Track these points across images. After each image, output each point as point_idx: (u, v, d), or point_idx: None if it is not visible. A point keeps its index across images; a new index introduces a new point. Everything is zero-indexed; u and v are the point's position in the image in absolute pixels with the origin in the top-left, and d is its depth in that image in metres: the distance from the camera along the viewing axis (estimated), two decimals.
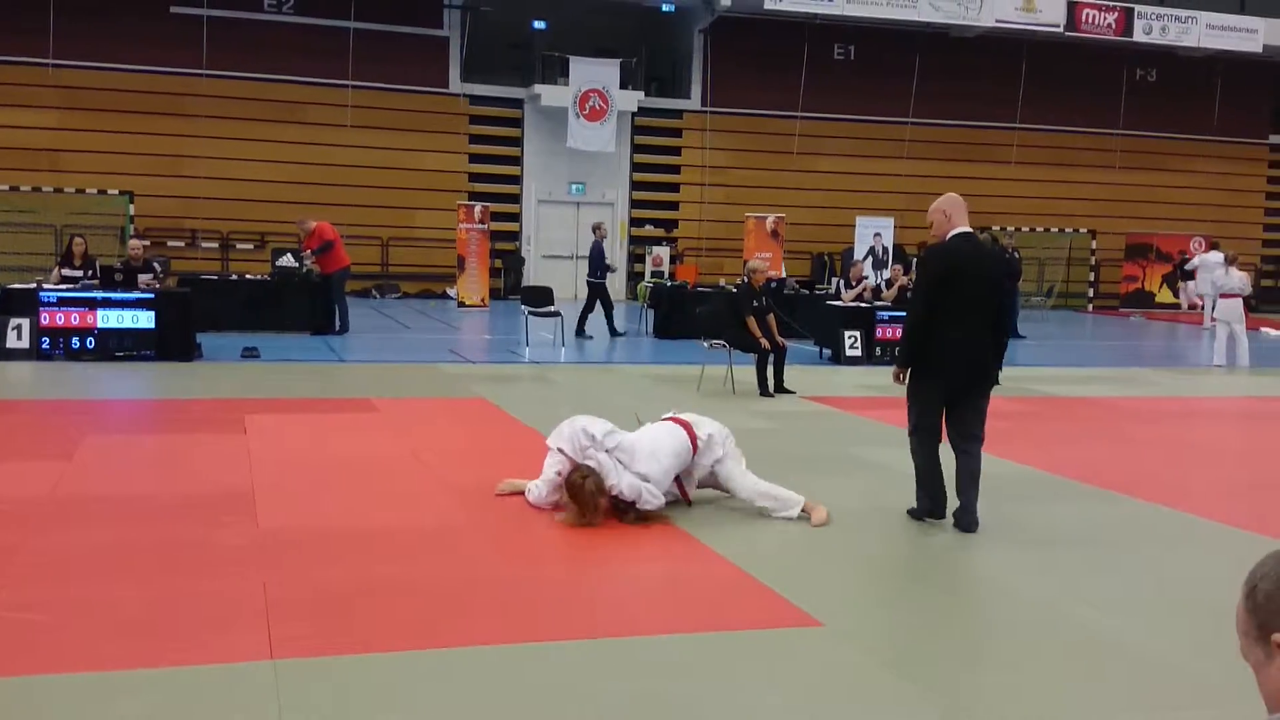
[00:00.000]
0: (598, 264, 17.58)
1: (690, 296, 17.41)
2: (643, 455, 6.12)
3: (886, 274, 18.89)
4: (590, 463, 6.04)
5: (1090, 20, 26.15)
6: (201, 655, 4.14)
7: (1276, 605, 1.64)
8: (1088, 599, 5.22)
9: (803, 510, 6.40)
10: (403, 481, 7.14)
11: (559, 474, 6.16)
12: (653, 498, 6.08)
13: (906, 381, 6.44)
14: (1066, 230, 28.01)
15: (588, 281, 17.92)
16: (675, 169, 26.80)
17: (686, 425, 6.42)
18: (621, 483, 6.01)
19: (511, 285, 24.38)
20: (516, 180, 25.92)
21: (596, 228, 18.18)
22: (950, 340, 6.17)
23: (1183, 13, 26.55)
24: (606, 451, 6.07)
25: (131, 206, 21.95)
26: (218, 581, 5.02)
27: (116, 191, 22.03)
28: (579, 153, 25.24)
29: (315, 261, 16.49)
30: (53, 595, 4.73)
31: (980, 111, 27.43)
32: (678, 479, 6.39)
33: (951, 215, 6.27)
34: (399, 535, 5.87)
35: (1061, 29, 25.97)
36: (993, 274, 6.36)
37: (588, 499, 5.94)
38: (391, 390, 10.89)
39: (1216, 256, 20.09)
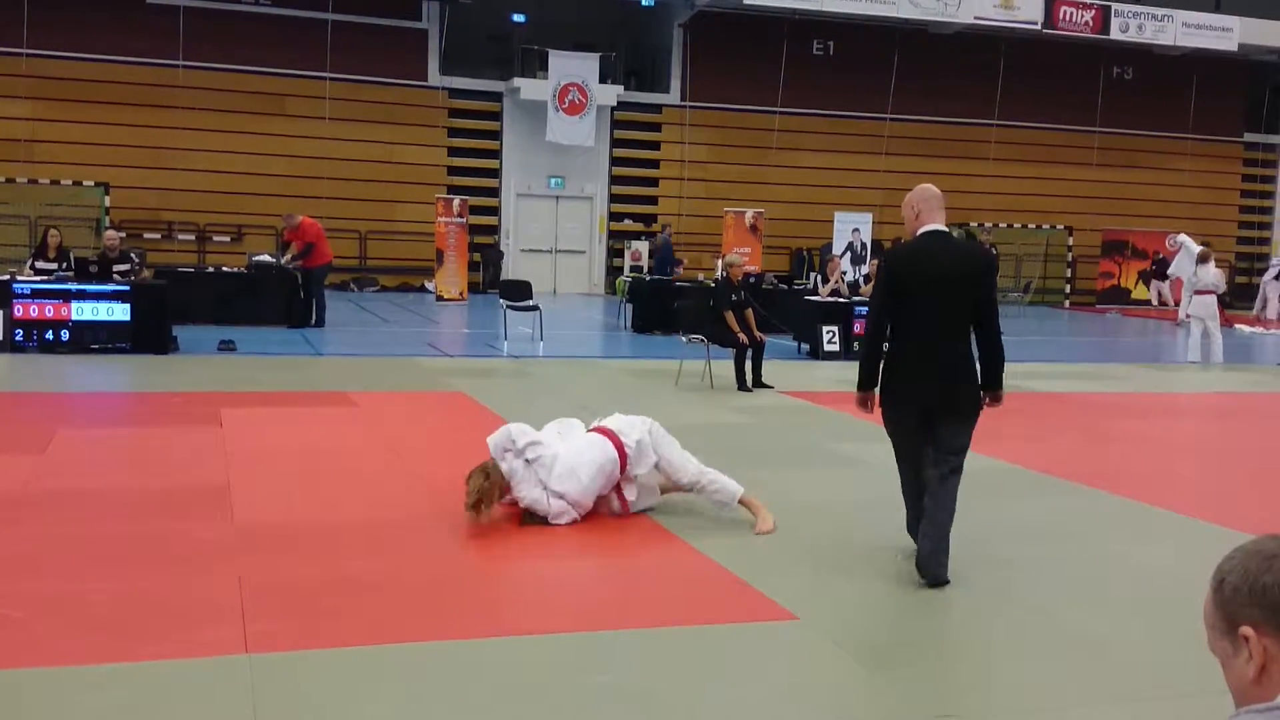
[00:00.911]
0: (667, 261, 17.37)
1: (669, 291, 17.41)
2: (561, 472, 5.87)
3: (865, 269, 18.94)
4: (503, 465, 5.85)
5: (1068, 18, 26.27)
6: (177, 649, 4.12)
7: (1243, 599, 1.65)
8: (1061, 593, 5.26)
9: (743, 506, 6.21)
10: (379, 476, 7.12)
11: None
12: (565, 514, 5.89)
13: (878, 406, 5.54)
14: (1044, 226, 28.16)
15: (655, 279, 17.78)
16: (654, 163, 26.79)
17: (612, 435, 6.10)
18: (528, 495, 5.84)
19: (490, 279, 24.33)
20: (495, 174, 25.86)
21: (664, 227, 18.07)
22: (910, 354, 5.33)
23: (1159, 11, 26.71)
24: (526, 461, 5.87)
25: (107, 198, 21.80)
26: (193, 576, 5.00)
27: (92, 183, 21.88)
28: (558, 146, 25.20)
29: (300, 262, 16.35)
30: (26, 589, 4.70)
31: (958, 108, 27.53)
32: (618, 488, 6.13)
33: (921, 211, 5.43)
34: (374, 529, 5.86)
35: (1039, 26, 26.08)
36: (969, 274, 5.35)
37: (472, 492, 5.77)
38: (369, 384, 10.86)
39: (1194, 245, 20.19)
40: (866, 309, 14.61)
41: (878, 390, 5.47)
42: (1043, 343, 18.88)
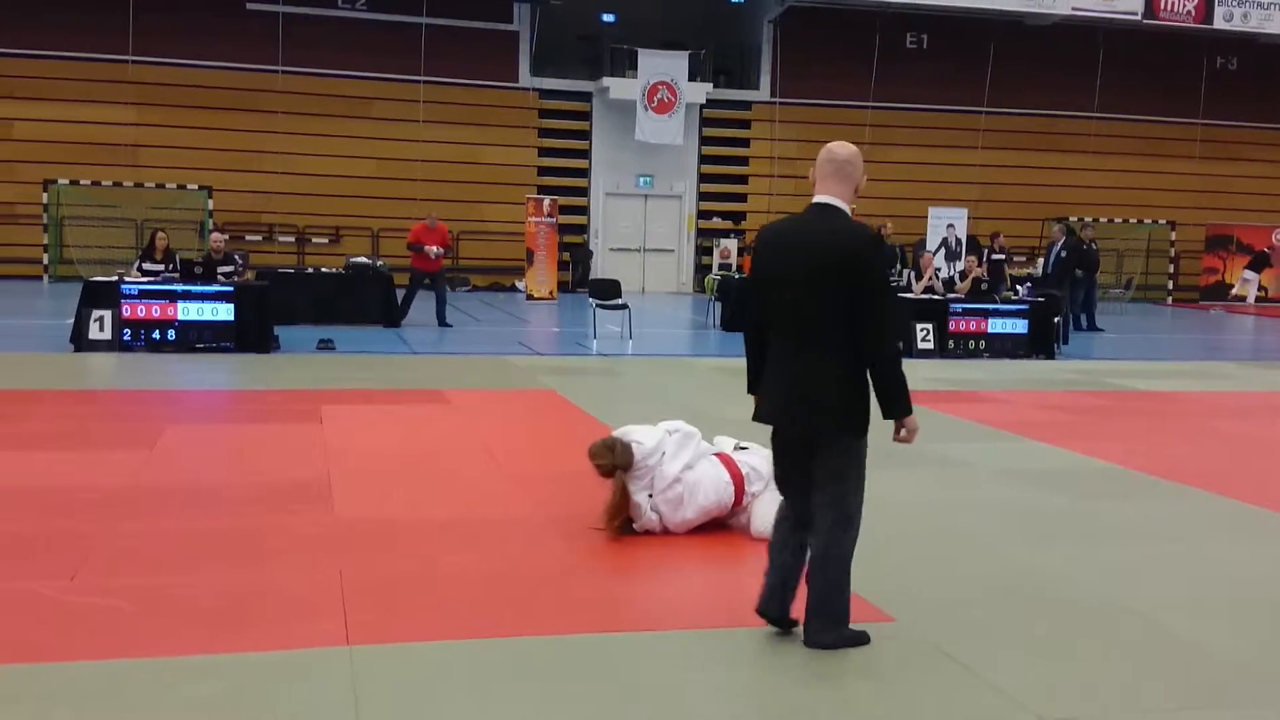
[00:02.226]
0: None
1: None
2: (671, 498, 5.69)
3: (960, 265, 18.66)
4: (634, 470, 5.64)
5: (1169, 7, 25.57)
6: (279, 641, 4.22)
7: None
8: (1163, 597, 5.12)
9: None
10: (474, 473, 7.20)
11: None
12: (653, 529, 5.76)
13: None
14: (1145, 221, 27.44)
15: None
16: (744, 161, 26.69)
17: (739, 481, 5.80)
18: (635, 498, 5.69)
19: (579, 278, 24.48)
20: (585, 173, 26.00)
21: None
22: (771, 361, 4.31)
23: None
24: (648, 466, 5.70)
25: (210, 201, 22.40)
26: (295, 569, 5.11)
27: (195, 186, 22.50)
28: (647, 145, 25.25)
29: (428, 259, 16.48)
30: (134, 582, 4.84)
31: (1056, 100, 26.95)
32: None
33: (817, 179, 4.28)
34: (471, 526, 5.93)
35: (1140, 16, 25.42)
36: (828, 265, 4.06)
37: (614, 510, 5.60)
38: (462, 382, 10.99)
39: None
40: (957, 304, 14.57)
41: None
42: (1144, 340, 18.42)
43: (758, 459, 5.94)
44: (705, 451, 5.97)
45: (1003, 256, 19.37)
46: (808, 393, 4.17)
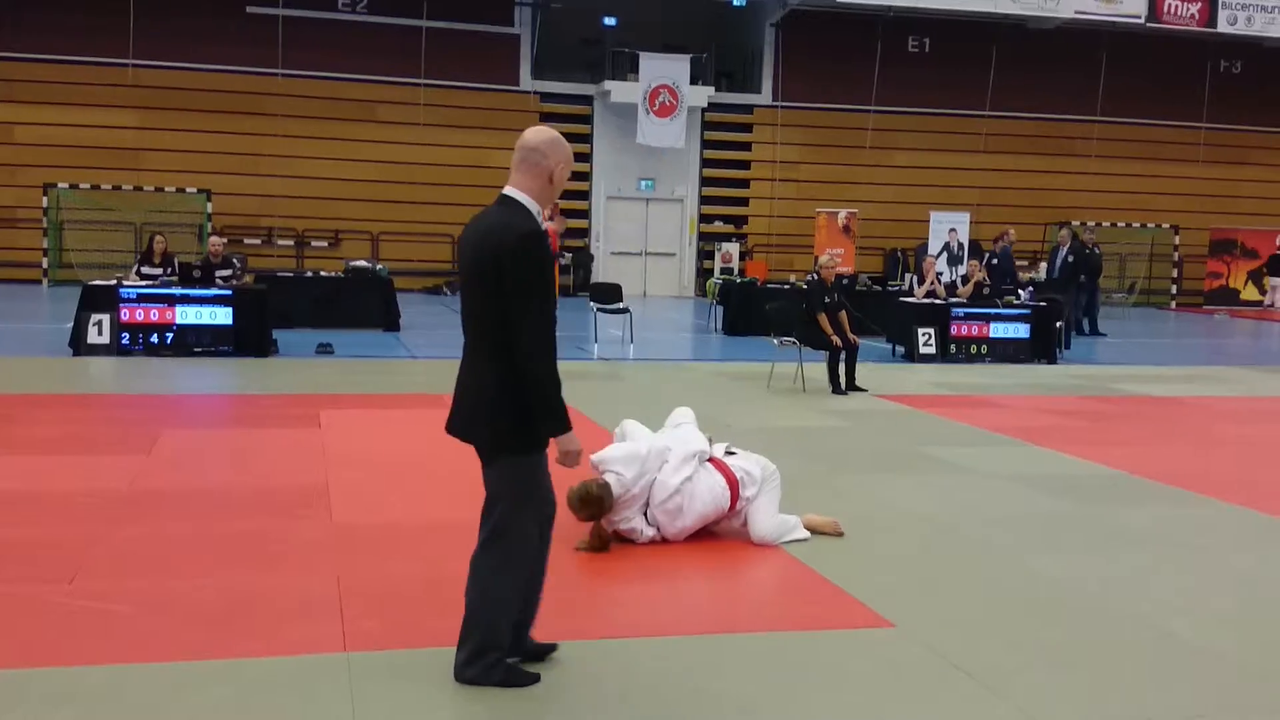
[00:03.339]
0: (1007, 272, 16.87)
1: (760, 293, 17.28)
2: (670, 508, 5.64)
3: (962, 270, 18.61)
4: (618, 490, 5.55)
5: (1172, 11, 25.53)
6: (278, 647, 4.18)
7: None
8: (1169, 602, 5.08)
9: (810, 529, 5.92)
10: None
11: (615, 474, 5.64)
12: (652, 540, 5.70)
13: None
14: (1149, 225, 27.38)
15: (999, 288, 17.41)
16: (745, 164, 26.66)
17: (734, 486, 5.75)
18: (631, 524, 5.61)
19: (580, 282, 24.44)
20: (586, 177, 25.96)
21: (1004, 233, 17.61)
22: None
23: (1269, 2, 25.82)
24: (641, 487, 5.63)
25: (209, 204, 22.37)
26: (293, 574, 5.07)
27: (195, 190, 22.46)
28: (648, 149, 25.22)
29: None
30: (132, 586, 4.81)
31: (1059, 104, 26.92)
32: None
33: (512, 168, 3.95)
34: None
35: (1143, 20, 25.39)
36: (480, 262, 3.80)
37: (595, 539, 5.51)
38: None
39: None
40: (959, 309, 14.51)
41: None
42: (1147, 345, 18.38)
43: (749, 462, 5.91)
44: (703, 455, 5.89)
45: (1008, 245, 19.15)
46: (471, 402, 3.87)
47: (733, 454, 5.98)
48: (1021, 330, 14.82)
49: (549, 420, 3.77)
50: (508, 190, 3.88)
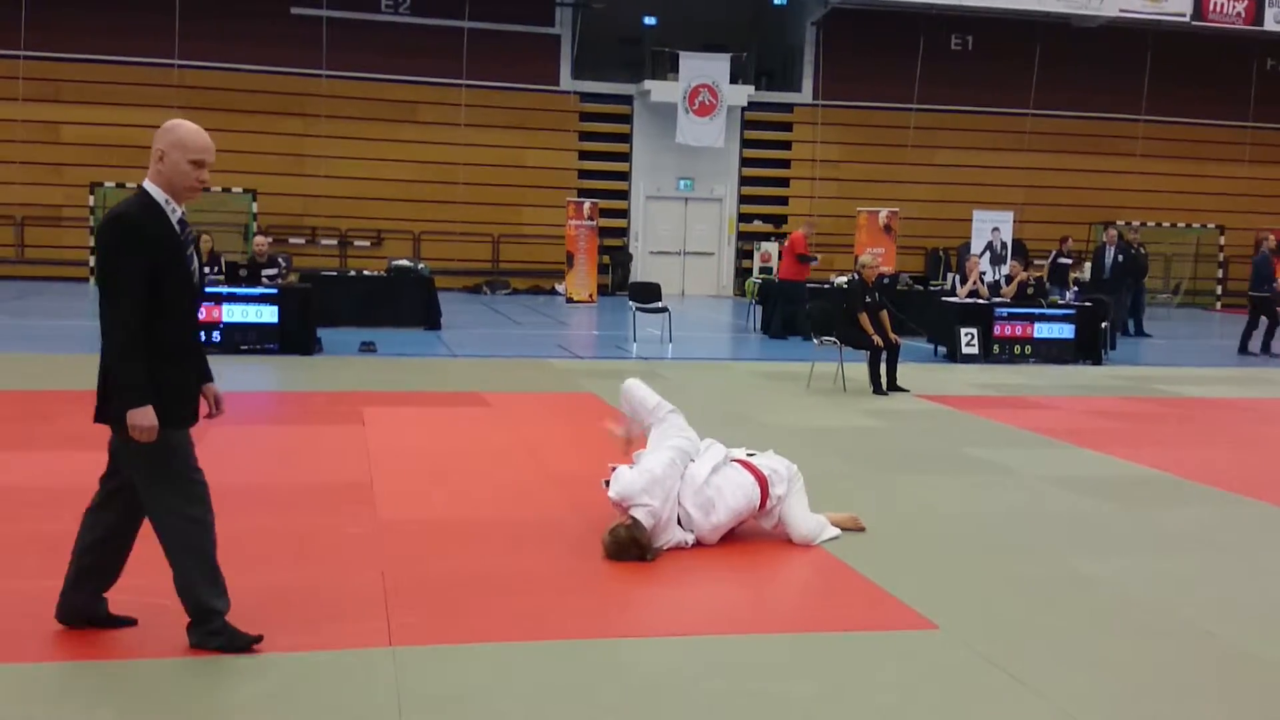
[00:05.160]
0: (1266, 279, 16.67)
1: (799, 292, 17.22)
2: (702, 502, 5.60)
3: (1005, 269, 18.48)
4: (648, 522, 5.46)
5: (1218, 9, 25.21)
6: (323, 641, 4.23)
7: None
8: (1209, 604, 5.03)
9: (841, 526, 5.94)
10: (514, 474, 7.21)
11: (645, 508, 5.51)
12: (686, 543, 5.63)
13: None
14: (1194, 225, 27.06)
15: (1250, 295, 17.04)
16: (785, 164, 26.60)
17: (763, 482, 5.75)
18: (672, 539, 5.57)
19: (619, 281, 24.49)
20: (625, 176, 26.01)
21: (1264, 240, 17.36)
22: None
23: None
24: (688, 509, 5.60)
25: (255, 204, 22.61)
26: (338, 570, 5.13)
27: (240, 190, 22.72)
28: (688, 148, 25.23)
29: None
30: None
31: (1103, 102, 26.65)
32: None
33: None
34: (512, 528, 5.93)
35: (1188, 18, 25.09)
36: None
37: (621, 554, 5.42)
38: (502, 385, 11.01)
39: None
40: (1002, 308, 14.40)
41: None
42: (1193, 346, 18.16)
43: (775, 461, 5.92)
44: (727, 457, 5.92)
45: (1069, 261, 19.14)
46: (100, 382, 4.01)
47: (752, 455, 5.98)
48: (1066, 331, 14.70)
49: (121, 395, 3.91)
50: (143, 181, 4.08)
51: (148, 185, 4.03)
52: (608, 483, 5.67)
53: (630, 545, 5.40)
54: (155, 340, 3.94)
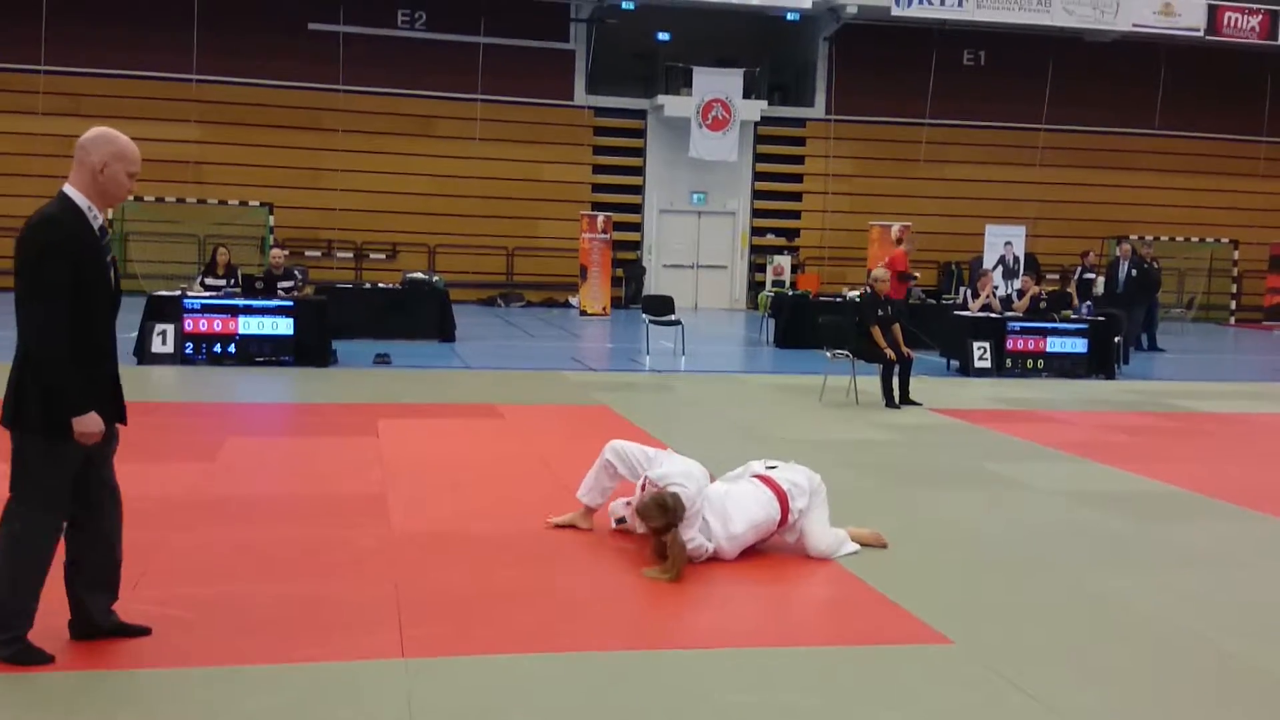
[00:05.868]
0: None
1: (812, 306, 17.25)
2: (719, 509, 5.61)
3: (1018, 283, 18.47)
4: (697, 505, 5.53)
5: (1232, 24, 25.18)
6: (336, 652, 4.25)
7: None
8: (1225, 621, 5.02)
9: (859, 542, 5.93)
10: (527, 487, 7.23)
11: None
12: (704, 553, 5.60)
13: None
14: (1208, 240, 26.97)
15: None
16: (798, 178, 26.63)
17: (783, 497, 5.72)
18: (692, 540, 5.54)
19: (632, 294, 24.53)
20: (639, 190, 26.08)
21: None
22: None
23: None
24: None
25: (271, 217, 22.73)
26: (351, 581, 5.15)
27: (257, 203, 22.84)
28: (701, 162, 25.29)
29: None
30: (193, 592, 4.91)
31: (1116, 117, 26.63)
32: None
33: None
34: (526, 540, 5.95)
35: (1202, 33, 25.07)
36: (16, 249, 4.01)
37: (674, 567, 5.36)
38: (516, 397, 11.04)
39: None
40: (1015, 322, 14.34)
41: None
42: (1206, 361, 18.10)
43: (795, 474, 5.88)
44: (745, 471, 5.97)
45: (1093, 275, 19.13)
46: (11, 380, 4.03)
47: (774, 468, 5.96)
48: (1079, 345, 14.67)
49: (62, 403, 3.93)
50: (67, 189, 4.05)
51: (70, 191, 4.04)
52: (621, 519, 5.87)
53: (669, 510, 5.40)
54: (71, 345, 3.96)
